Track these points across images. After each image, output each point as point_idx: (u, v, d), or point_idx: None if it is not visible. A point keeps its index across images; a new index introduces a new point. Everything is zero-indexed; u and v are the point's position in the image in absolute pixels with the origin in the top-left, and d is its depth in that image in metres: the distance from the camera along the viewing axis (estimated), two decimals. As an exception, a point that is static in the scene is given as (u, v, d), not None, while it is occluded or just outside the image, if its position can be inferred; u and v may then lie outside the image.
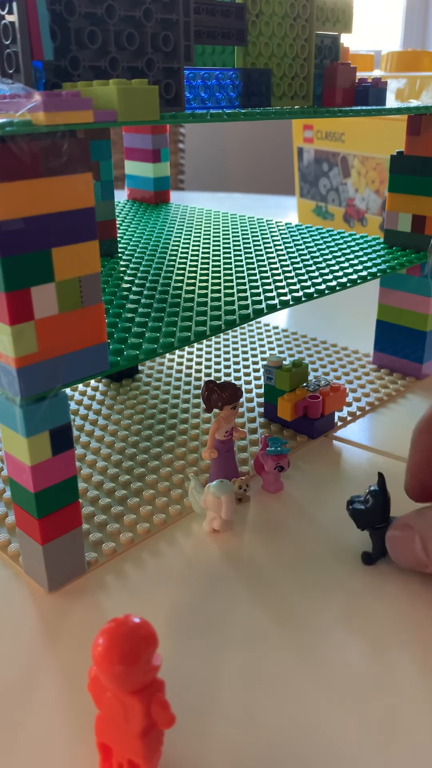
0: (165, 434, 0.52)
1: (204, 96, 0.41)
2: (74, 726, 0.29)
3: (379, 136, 1.06)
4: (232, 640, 0.34)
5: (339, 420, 0.54)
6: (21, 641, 0.34)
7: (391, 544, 0.37)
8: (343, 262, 0.54)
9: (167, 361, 0.66)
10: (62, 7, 0.33)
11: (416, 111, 0.51)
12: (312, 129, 1.17)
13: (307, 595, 0.37)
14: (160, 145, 0.77)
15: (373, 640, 0.34)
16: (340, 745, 0.29)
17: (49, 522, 0.35)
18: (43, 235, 0.30)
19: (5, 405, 0.33)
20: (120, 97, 0.30)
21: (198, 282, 0.50)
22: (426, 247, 0.57)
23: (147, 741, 0.25)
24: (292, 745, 0.29)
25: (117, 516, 0.43)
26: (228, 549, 0.40)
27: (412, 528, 0.36)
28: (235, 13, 0.41)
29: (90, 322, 0.33)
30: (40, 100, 0.27)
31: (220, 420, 0.43)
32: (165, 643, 0.32)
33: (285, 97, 0.46)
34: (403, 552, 0.37)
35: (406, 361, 0.61)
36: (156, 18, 0.36)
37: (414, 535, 0.36)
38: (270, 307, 0.44)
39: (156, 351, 0.38)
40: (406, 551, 0.36)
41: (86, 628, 0.34)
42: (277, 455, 0.44)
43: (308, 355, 0.67)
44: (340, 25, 0.48)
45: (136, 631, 0.24)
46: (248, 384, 0.60)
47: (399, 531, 0.37)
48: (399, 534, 0.37)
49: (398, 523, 0.37)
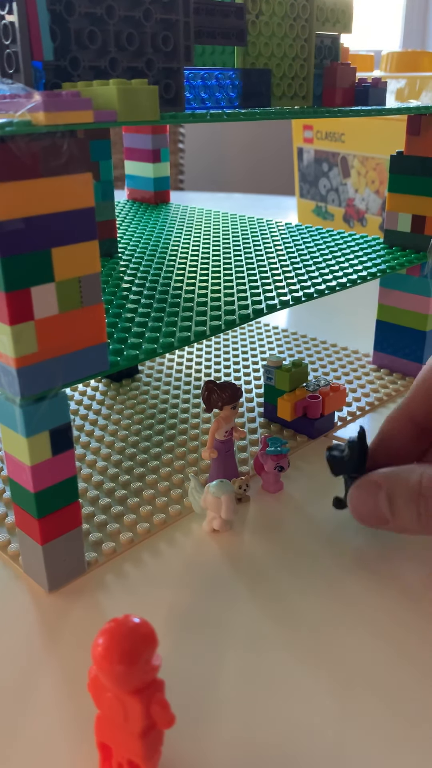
0: (165, 434, 0.52)
1: (204, 96, 0.41)
2: (74, 726, 0.29)
3: (379, 136, 1.06)
4: (232, 639, 0.34)
5: (339, 420, 0.54)
6: (21, 641, 0.34)
7: (354, 497, 0.37)
8: (343, 262, 0.54)
9: (167, 361, 0.66)
10: (62, 8, 0.33)
11: (416, 111, 0.51)
12: (312, 129, 1.17)
13: (306, 594, 0.37)
14: (160, 145, 0.77)
15: (373, 639, 0.34)
16: (340, 745, 0.29)
17: (49, 522, 0.35)
18: (43, 235, 0.30)
19: (5, 405, 0.33)
20: (120, 97, 0.30)
21: (198, 282, 0.50)
22: (426, 247, 0.57)
23: (147, 741, 0.25)
24: (292, 744, 0.29)
25: (117, 516, 0.43)
26: (228, 549, 0.40)
27: (379, 484, 0.36)
28: (235, 13, 0.41)
29: (90, 322, 0.33)
30: (40, 100, 0.27)
31: (220, 420, 0.43)
32: (165, 643, 0.32)
33: (285, 98, 0.46)
34: (366, 506, 0.37)
35: (406, 361, 0.61)
36: (156, 18, 0.36)
37: (380, 491, 0.36)
38: (270, 307, 0.44)
39: (156, 351, 0.38)
40: (369, 506, 0.37)
41: (86, 628, 0.35)
42: (277, 455, 0.44)
43: (308, 355, 0.67)
44: (339, 25, 0.48)
45: (136, 630, 0.24)
46: (248, 384, 0.60)
47: (364, 486, 0.37)
48: (364, 489, 0.37)
49: (364, 479, 0.37)
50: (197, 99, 0.40)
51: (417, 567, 0.39)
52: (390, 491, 0.36)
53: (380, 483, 0.36)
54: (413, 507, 0.35)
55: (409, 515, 0.35)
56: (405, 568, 0.39)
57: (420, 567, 0.39)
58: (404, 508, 0.36)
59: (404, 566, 0.39)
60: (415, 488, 0.35)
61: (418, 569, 0.39)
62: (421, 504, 0.35)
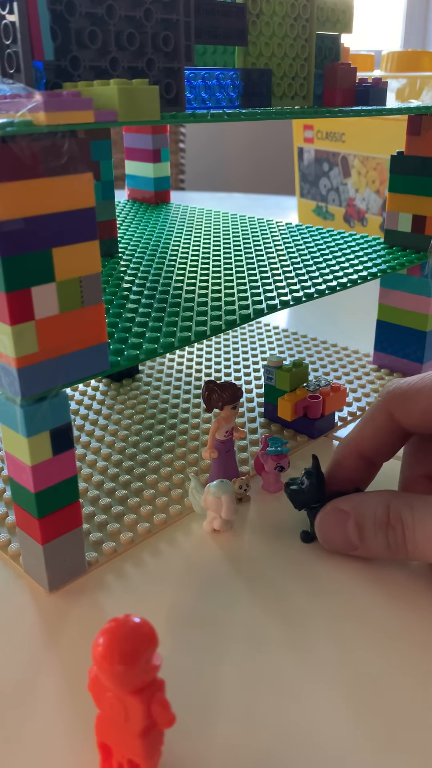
0: (165, 434, 0.52)
1: (204, 96, 0.41)
2: (74, 726, 0.29)
3: (380, 136, 1.06)
4: (233, 639, 0.34)
5: (339, 420, 0.54)
6: (21, 641, 0.34)
7: (321, 525, 0.39)
8: (343, 262, 0.54)
9: (167, 361, 0.66)
10: (63, 7, 0.33)
11: (416, 111, 0.51)
12: (312, 129, 1.17)
13: (307, 595, 0.37)
14: (161, 145, 0.77)
15: (373, 639, 0.34)
16: (340, 745, 0.29)
17: (50, 522, 0.35)
18: (44, 235, 0.30)
19: (5, 405, 0.33)
20: (120, 97, 0.30)
21: (198, 282, 0.50)
22: (426, 247, 0.57)
23: (147, 741, 0.25)
24: (292, 744, 0.29)
25: (117, 516, 0.43)
26: (228, 549, 0.40)
27: (345, 511, 0.37)
28: (236, 13, 0.41)
29: (90, 322, 0.33)
30: (41, 100, 0.27)
31: (220, 420, 0.43)
32: (165, 643, 0.32)
33: (285, 97, 0.46)
34: (334, 533, 0.38)
35: (406, 361, 0.61)
36: (156, 18, 0.36)
37: (347, 517, 0.37)
38: (270, 307, 0.44)
39: (156, 351, 0.38)
40: (337, 532, 0.38)
41: (86, 628, 0.35)
42: (277, 455, 0.44)
43: (308, 355, 0.67)
44: (340, 25, 0.48)
45: (137, 630, 0.24)
46: (248, 384, 0.60)
47: (330, 513, 0.38)
48: (333, 517, 0.38)
49: (331, 506, 0.38)
50: (198, 99, 0.40)
51: (417, 567, 0.39)
52: (359, 520, 0.37)
53: (348, 511, 0.37)
54: (382, 536, 0.36)
55: (378, 544, 0.37)
56: (405, 568, 0.39)
57: (420, 567, 0.39)
58: (373, 537, 0.37)
59: (404, 566, 0.39)
60: (383, 519, 0.36)
61: (419, 569, 0.39)
62: (389, 533, 0.36)
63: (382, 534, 0.36)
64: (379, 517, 0.36)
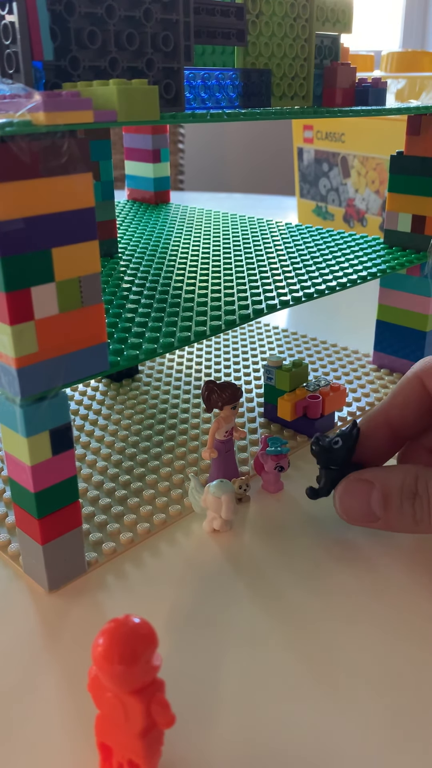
0: (165, 434, 0.52)
1: (204, 96, 0.41)
2: (74, 726, 0.29)
3: (379, 137, 1.06)
4: (233, 639, 0.34)
5: (339, 420, 0.54)
6: (21, 641, 0.34)
7: (343, 495, 0.38)
8: (343, 262, 0.54)
9: (167, 361, 0.66)
10: (62, 8, 0.33)
11: (416, 111, 0.51)
12: (312, 129, 1.17)
13: (307, 594, 0.37)
14: (160, 145, 0.77)
15: (373, 639, 0.34)
16: (340, 745, 0.29)
17: (49, 522, 0.35)
18: (43, 235, 0.30)
19: (5, 405, 0.33)
20: (120, 97, 0.30)
21: (198, 282, 0.50)
22: (426, 247, 0.57)
23: (147, 741, 0.25)
24: (292, 744, 0.29)
25: (117, 516, 0.43)
26: (228, 549, 0.40)
27: (369, 481, 0.37)
28: (235, 13, 0.41)
29: (90, 322, 0.33)
30: (40, 100, 0.27)
31: (220, 420, 0.43)
32: (165, 643, 0.32)
33: (285, 98, 0.46)
34: (355, 503, 0.37)
35: (406, 361, 0.61)
36: (156, 18, 0.36)
37: (372, 488, 0.37)
38: (270, 307, 0.44)
39: (156, 351, 0.38)
40: (359, 502, 0.37)
41: (86, 628, 0.35)
42: (277, 455, 0.44)
43: (308, 355, 0.67)
44: (340, 25, 0.48)
45: (136, 630, 0.24)
46: (248, 384, 0.60)
47: (353, 482, 0.38)
48: (355, 487, 0.38)
49: (354, 476, 0.38)
50: (197, 99, 0.40)
51: (418, 567, 0.39)
52: (385, 489, 0.37)
53: (373, 481, 0.37)
54: (408, 506, 0.36)
55: (403, 514, 0.36)
56: (406, 567, 0.39)
57: (421, 567, 0.39)
58: (399, 507, 0.36)
59: (405, 565, 0.39)
60: (411, 488, 0.36)
61: (419, 569, 0.39)
62: (416, 503, 0.36)
63: (409, 504, 0.36)
64: (408, 486, 0.36)
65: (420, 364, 0.40)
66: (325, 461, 0.39)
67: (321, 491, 0.40)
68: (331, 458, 0.39)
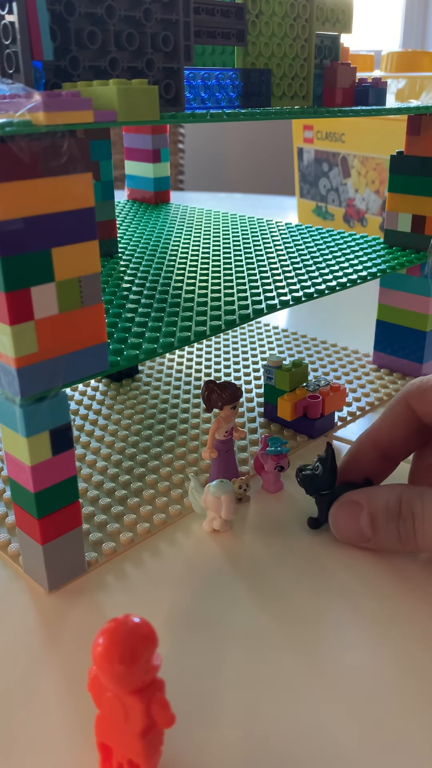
0: (165, 434, 0.52)
1: (204, 96, 0.41)
2: (74, 726, 0.29)
3: (379, 136, 1.06)
4: (232, 639, 0.34)
5: (339, 420, 0.54)
6: (21, 641, 0.34)
7: (335, 517, 0.39)
8: (343, 262, 0.54)
9: (167, 361, 0.66)
10: (62, 7, 0.33)
11: (416, 111, 0.51)
12: (312, 129, 1.17)
13: (306, 594, 0.37)
14: (160, 145, 0.77)
15: (373, 639, 0.34)
16: (340, 745, 0.29)
17: (49, 522, 0.35)
18: (43, 235, 0.30)
19: (5, 405, 0.33)
20: (120, 97, 0.30)
21: (198, 282, 0.50)
22: (426, 247, 0.57)
23: (147, 741, 0.25)
24: (292, 744, 0.29)
25: (117, 516, 0.43)
26: (228, 549, 0.40)
27: (359, 504, 0.38)
28: (235, 13, 0.41)
29: (90, 322, 0.33)
30: (40, 100, 0.27)
31: (220, 420, 0.43)
32: (165, 643, 0.32)
33: (285, 97, 0.46)
34: (348, 524, 0.39)
35: (406, 361, 0.61)
36: (156, 18, 0.36)
37: (361, 510, 0.38)
38: (270, 307, 0.44)
39: (156, 351, 0.38)
40: (350, 524, 0.39)
41: (86, 628, 0.35)
42: (277, 455, 0.44)
43: (308, 355, 0.67)
44: (340, 25, 0.48)
45: (136, 630, 0.24)
46: (248, 384, 0.60)
47: (344, 505, 0.39)
48: (346, 508, 0.39)
49: (344, 498, 0.39)
50: (197, 99, 0.40)
51: (417, 566, 0.39)
52: (372, 511, 0.38)
53: (361, 503, 0.38)
54: (393, 527, 0.37)
55: (389, 534, 0.37)
56: (405, 566, 0.39)
57: (420, 566, 0.39)
58: (385, 528, 0.37)
59: (405, 564, 0.39)
60: (395, 509, 0.37)
61: (419, 569, 0.39)
62: (400, 524, 0.37)
63: (393, 525, 0.37)
64: (392, 507, 0.37)
65: (408, 387, 0.40)
66: (313, 489, 0.40)
67: (320, 519, 0.41)
68: (318, 484, 0.40)
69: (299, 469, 0.41)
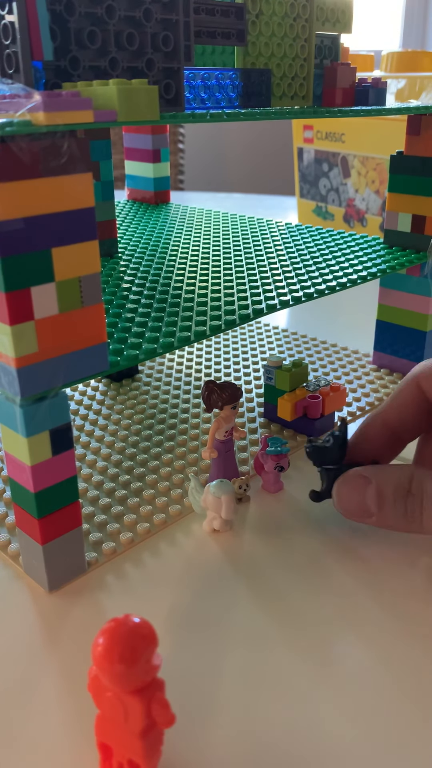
0: (165, 434, 0.52)
1: (204, 96, 0.41)
2: (74, 726, 0.29)
3: (379, 136, 1.06)
4: (232, 639, 0.34)
5: (339, 420, 0.54)
6: (21, 641, 0.34)
7: (340, 490, 0.39)
8: (343, 262, 0.54)
9: (167, 361, 0.66)
10: (62, 7, 0.33)
11: (416, 111, 0.51)
12: (312, 129, 1.17)
13: (306, 594, 0.37)
14: (160, 145, 0.77)
15: (372, 639, 0.34)
16: (340, 744, 0.29)
17: (49, 522, 0.35)
18: (43, 235, 0.30)
19: (5, 405, 0.33)
20: (120, 97, 0.30)
21: (198, 282, 0.50)
22: (426, 247, 0.57)
23: (147, 740, 0.25)
24: (292, 744, 0.29)
25: (117, 516, 0.43)
26: (228, 549, 0.40)
27: (366, 477, 0.38)
28: (235, 13, 0.41)
29: (90, 322, 0.33)
30: (40, 100, 0.27)
31: (220, 420, 0.43)
32: (165, 643, 0.32)
33: (285, 97, 0.46)
34: (352, 498, 0.38)
35: (406, 361, 0.61)
36: (156, 18, 0.36)
37: (368, 484, 0.38)
38: (270, 307, 0.44)
39: (156, 351, 0.38)
40: (356, 499, 0.38)
41: (86, 628, 0.35)
42: (277, 455, 0.44)
43: (308, 355, 0.67)
44: (340, 25, 0.48)
45: (136, 630, 0.24)
46: (248, 384, 0.60)
47: (351, 478, 0.39)
48: (352, 482, 0.38)
49: (351, 472, 0.39)
50: (197, 99, 0.40)
51: (417, 567, 0.39)
52: (379, 486, 0.37)
53: (369, 477, 0.38)
54: (401, 503, 0.37)
55: (396, 511, 0.37)
56: (405, 566, 0.39)
57: (420, 566, 0.39)
58: (392, 504, 0.37)
59: (405, 565, 0.39)
60: (405, 486, 0.37)
61: (419, 568, 0.39)
62: (408, 501, 0.36)
63: (401, 501, 0.37)
64: (402, 484, 0.37)
65: (418, 368, 0.40)
66: (320, 461, 0.40)
67: (323, 493, 0.41)
68: (326, 457, 0.40)
69: (310, 439, 0.41)
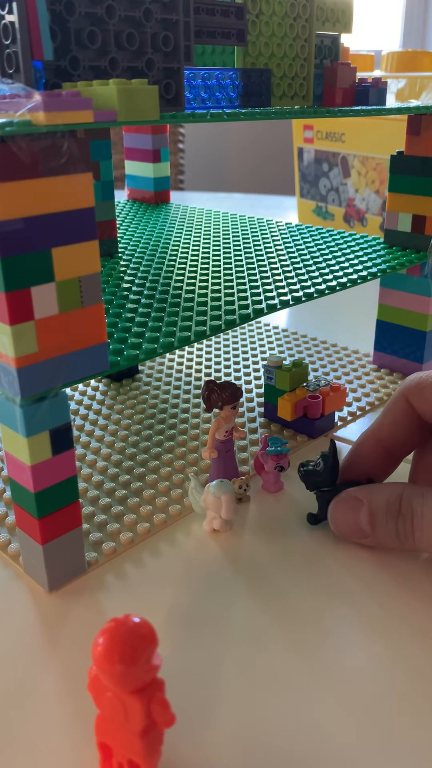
0: (165, 434, 0.52)
1: (204, 96, 0.41)
2: (74, 726, 0.29)
3: (379, 136, 1.06)
4: (232, 639, 0.34)
5: (339, 420, 0.54)
6: (21, 641, 0.34)
7: (334, 511, 0.40)
8: (343, 262, 0.54)
9: (167, 361, 0.66)
10: (62, 7, 0.33)
11: (416, 111, 0.51)
12: (312, 129, 1.17)
13: (306, 594, 0.37)
14: (160, 145, 0.77)
15: (372, 638, 0.34)
16: (340, 744, 0.29)
17: (49, 522, 0.35)
18: (43, 235, 0.30)
19: (5, 405, 0.33)
20: (120, 97, 0.30)
21: (198, 282, 0.50)
22: (426, 247, 0.57)
23: (147, 740, 0.25)
24: (292, 744, 0.29)
25: (117, 516, 0.43)
26: (228, 549, 0.40)
27: (359, 499, 0.38)
28: (235, 13, 0.41)
29: (90, 322, 0.33)
30: (40, 100, 0.27)
31: (220, 420, 0.43)
32: (165, 643, 0.32)
33: (285, 97, 0.46)
34: (346, 519, 0.39)
35: (406, 361, 0.61)
36: (156, 18, 0.36)
37: (361, 506, 0.38)
38: (270, 307, 0.44)
39: (156, 351, 0.38)
40: (348, 519, 0.39)
41: (86, 628, 0.35)
42: (277, 455, 0.44)
43: (308, 355, 0.67)
44: (340, 25, 0.48)
45: (136, 630, 0.24)
46: (248, 384, 0.60)
47: (345, 500, 0.39)
48: (346, 504, 0.39)
49: (344, 494, 0.39)
50: (197, 99, 0.40)
51: (417, 566, 0.39)
52: (371, 507, 0.38)
53: (362, 499, 0.38)
54: (392, 524, 0.37)
55: (388, 532, 0.37)
56: (405, 566, 0.39)
57: (420, 566, 0.39)
58: (384, 525, 0.37)
59: (404, 564, 0.39)
60: (395, 507, 0.37)
61: (419, 569, 0.39)
62: (399, 521, 0.37)
63: (393, 522, 0.37)
64: (392, 504, 0.37)
65: (405, 383, 0.40)
66: (313, 484, 0.41)
67: (320, 515, 0.41)
68: (319, 480, 0.40)
69: (301, 464, 0.41)
